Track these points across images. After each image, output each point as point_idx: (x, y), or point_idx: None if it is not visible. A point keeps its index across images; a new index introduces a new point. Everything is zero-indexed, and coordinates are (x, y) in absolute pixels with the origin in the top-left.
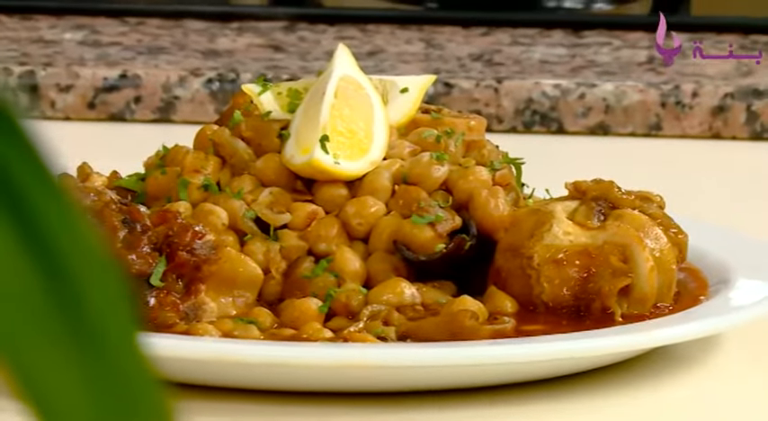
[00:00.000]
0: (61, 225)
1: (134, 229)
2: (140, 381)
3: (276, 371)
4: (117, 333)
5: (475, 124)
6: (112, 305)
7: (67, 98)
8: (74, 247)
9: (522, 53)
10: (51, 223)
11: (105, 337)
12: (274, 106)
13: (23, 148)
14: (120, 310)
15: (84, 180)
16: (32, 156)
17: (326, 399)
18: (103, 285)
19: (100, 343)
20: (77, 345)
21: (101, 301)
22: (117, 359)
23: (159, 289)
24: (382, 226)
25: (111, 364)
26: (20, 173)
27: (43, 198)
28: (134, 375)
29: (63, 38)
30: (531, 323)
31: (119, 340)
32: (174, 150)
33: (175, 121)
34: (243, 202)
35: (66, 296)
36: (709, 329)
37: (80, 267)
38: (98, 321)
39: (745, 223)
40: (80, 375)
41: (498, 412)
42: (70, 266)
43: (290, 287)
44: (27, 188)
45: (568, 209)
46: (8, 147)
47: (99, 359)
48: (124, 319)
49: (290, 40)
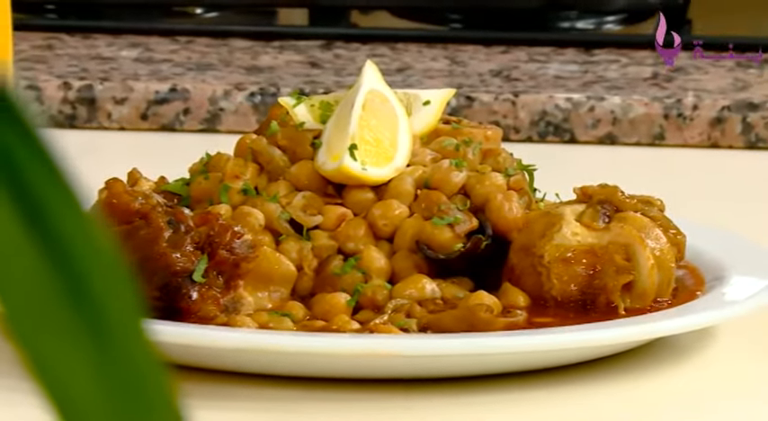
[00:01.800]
0: (66, 216)
1: (179, 230)
2: (146, 367)
3: (308, 359)
4: (124, 321)
5: (491, 134)
6: (119, 295)
7: (122, 110)
8: (81, 240)
9: (538, 69)
10: (57, 214)
11: (113, 326)
12: (308, 117)
13: (31, 142)
14: (126, 300)
15: (134, 184)
16: (41, 151)
17: (353, 385)
18: (109, 275)
19: (108, 331)
20: (87, 334)
21: (108, 292)
22: (124, 346)
23: (201, 284)
24: (405, 227)
25: (119, 351)
26: (26, 165)
27: (54, 194)
28: (140, 361)
29: (119, 55)
30: (541, 316)
31: (126, 328)
32: (216, 157)
33: (221, 131)
34: (278, 205)
35: (75, 287)
36: (704, 322)
37: (86, 257)
38: (106, 310)
39: (740, 225)
40: (90, 362)
41: (511, 397)
42: (77, 257)
43: (321, 283)
44: (34, 180)
45: (576, 211)
46: (20, 145)
47: (107, 346)
48: (130, 308)
49: (326, 57)
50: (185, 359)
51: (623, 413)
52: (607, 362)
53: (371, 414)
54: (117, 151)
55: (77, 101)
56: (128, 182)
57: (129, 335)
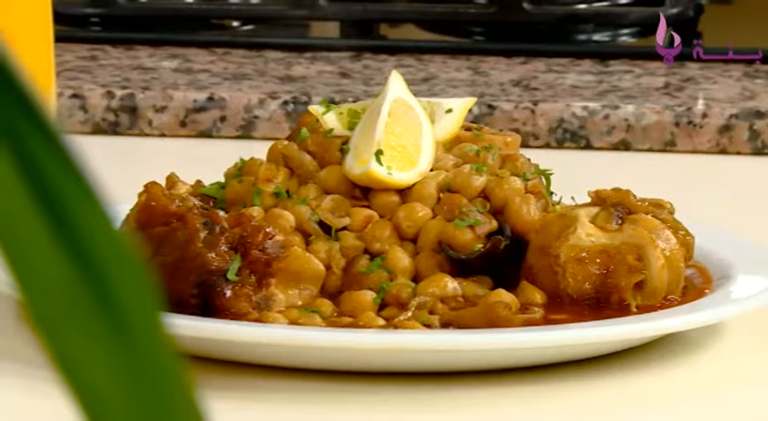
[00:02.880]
0: (83, 209)
1: (213, 231)
2: (166, 362)
3: (335, 354)
4: (143, 318)
5: (510, 140)
6: (136, 289)
7: (162, 117)
8: (98, 234)
9: (556, 79)
10: (76, 209)
11: (133, 322)
12: (336, 124)
13: (40, 126)
14: (144, 296)
15: (171, 187)
16: (51, 137)
17: (378, 379)
18: (127, 271)
19: (128, 327)
20: (108, 330)
21: (127, 288)
22: (144, 342)
23: (235, 282)
24: (429, 228)
25: (139, 347)
26: (39, 153)
27: (69, 185)
28: (160, 356)
29: (160, 65)
30: (557, 313)
31: (145, 325)
32: (249, 162)
33: (255, 138)
34: (308, 208)
35: (96, 284)
36: (712, 318)
37: (104, 251)
38: (125, 307)
39: (746, 227)
40: (111, 357)
41: (529, 390)
42: (96, 253)
43: (349, 281)
44: (53, 175)
45: (590, 214)
46: (37, 141)
47: (128, 342)
48: (149, 305)
49: (355, 67)
50: (219, 353)
51: (636, 404)
52: (620, 356)
53: (396, 405)
54: (157, 156)
55: (120, 109)
56: (166, 185)
57: (148, 331)
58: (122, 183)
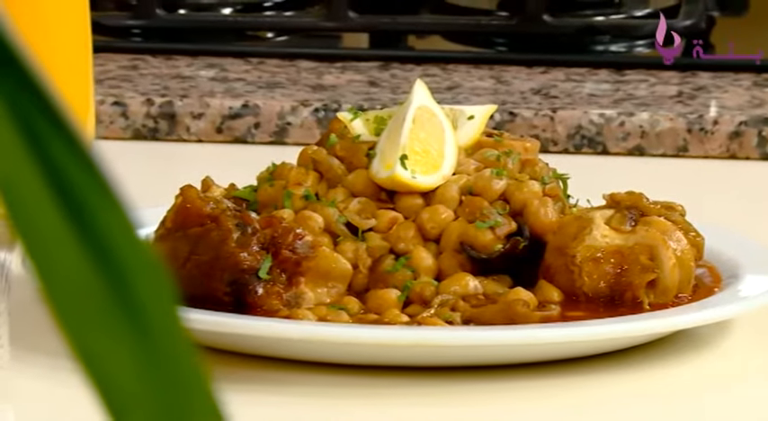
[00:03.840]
0: (104, 210)
1: (246, 232)
2: (184, 358)
3: (361, 349)
4: (162, 315)
5: (530, 146)
6: (156, 288)
7: (199, 124)
8: (119, 235)
9: (574, 88)
10: (96, 209)
11: (152, 319)
12: (363, 130)
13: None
14: (162, 292)
15: (206, 190)
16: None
17: (403, 373)
18: (146, 271)
19: (147, 324)
20: (128, 327)
21: (145, 285)
22: (163, 338)
23: (266, 281)
24: (451, 229)
25: (158, 343)
26: (60, 154)
27: (100, 200)
28: (178, 352)
29: (197, 74)
30: (573, 310)
31: (164, 321)
32: (281, 166)
33: (288, 143)
34: (336, 210)
35: (115, 281)
36: (721, 316)
37: (124, 251)
38: (144, 303)
39: (754, 228)
40: (131, 353)
41: (547, 383)
42: (116, 251)
43: (375, 280)
44: (75, 179)
45: (605, 216)
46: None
47: (147, 339)
48: (167, 301)
49: (383, 76)
50: (251, 349)
51: (648, 398)
52: (633, 351)
53: (420, 399)
54: (194, 161)
55: (159, 116)
56: (201, 188)
57: (167, 328)
58: (161, 187)
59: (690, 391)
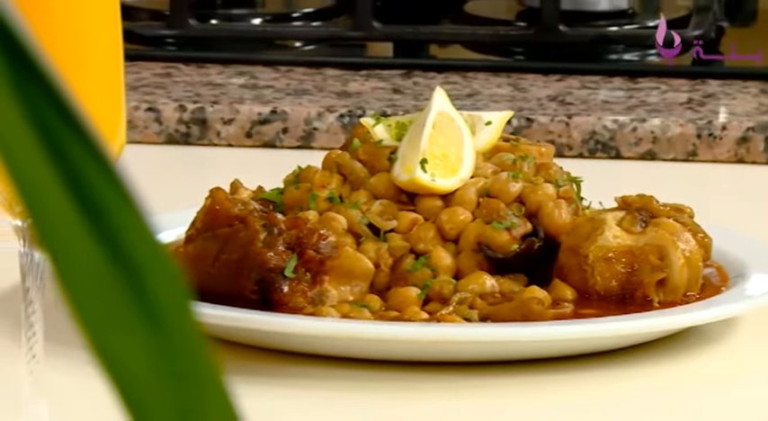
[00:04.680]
0: (120, 209)
1: (272, 232)
2: (195, 348)
3: (383, 345)
4: (174, 308)
5: (545, 151)
6: (169, 283)
7: (230, 129)
8: (134, 233)
9: (589, 95)
10: (112, 207)
11: (164, 312)
12: (385, 135)
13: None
14: (175, 288)
15: (234, 192)
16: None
17: (422, 368)
18: (160, 267)
19: (162, 321)
20: (143, 323)
21: (159, 281)
22: (175, 330)
23: (292, 279)
24: (469, 230)
25: (170, 335)
26: (75, 151)
27: (113, 196)
28: (190, 343)
29: (228, 82)
30: (586, 308)
31: (176, 314)
32: (306, 170)
33: (314, 148)
34: (359, 211)
35: (130, 277)
36: (728, 313)
37: (139, 248)
38: (158, 298)
39: (761, 229)
40: (146, 349)
41: (559, 378)
42: (131, 249)
43: (396, 278)
44: (90, 178)
45: (617, 217)
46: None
47: (160, 331)
48: (180, 295)
49: (406, 84)
50: (277, 344)
51: (658, 391)
52: (644, 347)
53: (438, 393)
54: (224, 165)
55: (191, 121)
56: (230, 190)
57: (180, 322)
58: (193, 189)
59: (698, 386)
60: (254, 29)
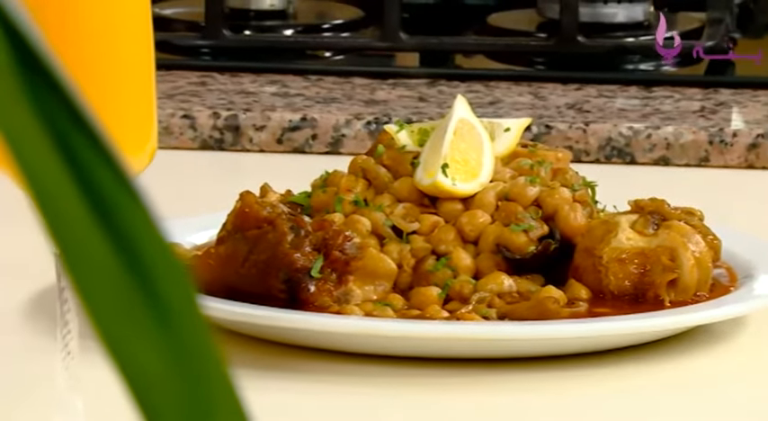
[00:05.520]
0: (131, 211)
1: (299, 234)
2: (203, 344)
3: (405, 342)
4: (183, 305)
5: (561, 156)
6: (178, 282)
7: (261, 135)
8: (144, 234)
9: (606, 103)
10: (123, 210)
11: (173, 309)
12: (408, 141)
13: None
14: (184, 286)
15: (264, 196)
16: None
17: (442, 364)
18: (169, 266)
19: (169, 314)
20: (151, 317)
21: (168, 280)
22: (184, 327)
23: (318, 279)
24: (488, 232)
25: (179, 332)
26: (89, 160)
27: (123, 198)
28: (198, 339)
29: (260, 90)
30: (600, 307)
31: (185, 311)
32: (333, 174)
33: (342, 154)
34: (383, 214)
35: (141, 276)
36: (737, 312)
37: (149, 249)
38: (167, 296)
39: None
40: (155, 343)
41: (573, 374)
42: (141, 249)
43: (418, 278)
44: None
45: (630, 220)
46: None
47: (169, 328)
48: (188, 293)
49: (431, 92)
50: (304, 341)
51: (669, 387)
52: (655, 345)
53: (458, 388)
54: (256, 170)
55: (225, 128)
56: (259, 194)
57: (189, 319)
58: (226, 192)
59: (707, 382)
60: (286, 39)
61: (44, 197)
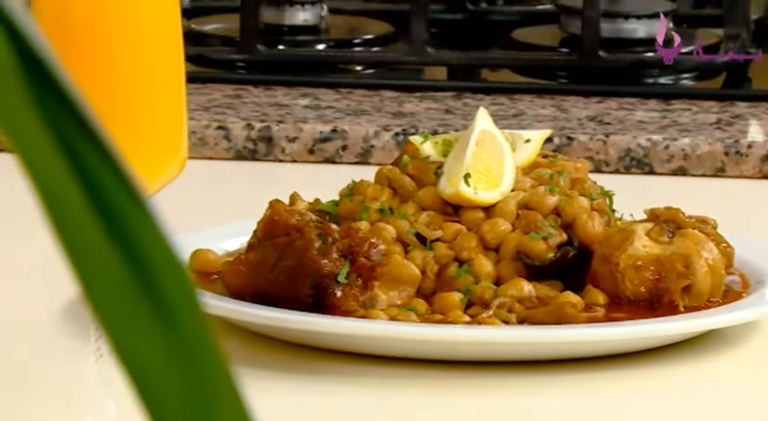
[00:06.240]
0: (136, 217)
1: (327, 241)
2: (205, 345)
3: (428, 345)
4: (186, 309)
5: (580, 166)
6: (182, 286)
7: (294, 146)
8: (149, 240)
9: (625, 116)
10: (128, 216)
11: (177, 313)
12: (432, 152)
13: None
14: (188, 290)
15: (293, 204)
16: (107, 155)
17: (464, 367)
18: (173, 271)
19: (173, 317)
20: (156, 320)
21: (172, 284)
22: (187, 330)
23: (344, 285)
24: (509, 239)
25: (183, 334)
26: (95, 165)
27: (128, 203)
28: (201, 341)
29: (293, 102)
30: (617, 312)
31: (188, 315)
32: (359, 184)
33: (371, 164)
34: (407, 222)
35: (144, 280)
36: (749, 317)
37: (153, 254)
38: (171, 300)
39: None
40: (160, 345)
41: (590, 377)
42: (146, 254)
43: (441, 284)
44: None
45: (646, 228)
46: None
47: (173, 331)
48: (191, 298)
49: (457, 105)
50: (330, 344)
51: (682, 389)
52: (670, 349)
53: (479, 389)
54: (288, 179)
55: (258, 139)
56: (289, 202)
57: (192, 322)
58: (259, 201)
59: (720, 384)
60: (318, 54)
61: (52, 205)
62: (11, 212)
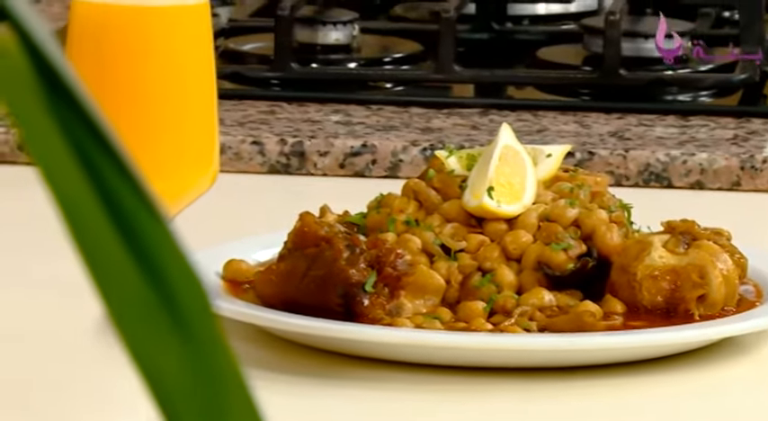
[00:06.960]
0: (153, 230)
1: (354, 251)
2: (220, 353)
3: (452, 352)
4: (201, 319)
5: (599, 180)
6: (197, 297)
7: (325, 160)
8: (165, 253)
9: (645, 131)
10: (146, 229)
11: (193, 322)
12: (457, 166)
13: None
14: (203, 301)
15: (322, 216)
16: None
17: (487, 373)
18: (188, 282)
19: (189, 326)
20: (172, 329)
21: (188, 294)
22: (202, 339)
23: (371, 294)
24: (530, 250)
25: (198, 343)
26: (110, 176)
27: (146, 217)
28: (215, 349)
29: (325, 119)
30: (634, 320)
31: (203, 324)
32: (387, 196)
33: (400, 177)
34: (432, 233)
35: (162, 291)
36: (762, 326)
37: (170, 266)
38: (187, 310)
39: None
40: (175, 353)
41: (609, 382)
42: (163, 266)
43: (464, 293)
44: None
45: (662, 240)
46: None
47: (189, 340)
48: (206, 307)
49: (483, 121)
50: (358, 351)
51: (698, 395)
52: (685, 356)
53: (502, 395)
54: (320, 192)
55: (291, 153)
56: (318, 215)
57: (207, 331)
58: (291, 213)
59: (734, 390)
60: (350, 72)
61: (72, 218)
62: (51, 224)
